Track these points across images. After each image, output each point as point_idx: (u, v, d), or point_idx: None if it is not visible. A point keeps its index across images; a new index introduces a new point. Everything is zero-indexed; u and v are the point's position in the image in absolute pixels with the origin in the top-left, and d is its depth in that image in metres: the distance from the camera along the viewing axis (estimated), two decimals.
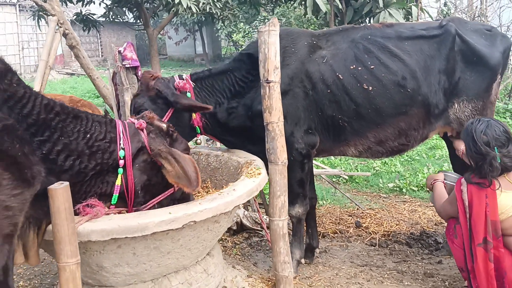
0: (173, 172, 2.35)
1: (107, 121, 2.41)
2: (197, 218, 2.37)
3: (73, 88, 16.65)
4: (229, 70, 3.36)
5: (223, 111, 3.34)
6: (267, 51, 2.96)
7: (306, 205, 3.46)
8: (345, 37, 3.45)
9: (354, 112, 3.32)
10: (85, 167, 2.23)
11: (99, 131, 2.32)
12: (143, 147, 2.44)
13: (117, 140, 2.36)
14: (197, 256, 2.76)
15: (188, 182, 2.31)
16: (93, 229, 2.22)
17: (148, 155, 2.44)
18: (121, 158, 2.34)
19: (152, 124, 2.55)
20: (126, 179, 2.38)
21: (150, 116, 2.57)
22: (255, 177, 2.84)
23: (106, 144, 2.31)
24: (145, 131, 2.48)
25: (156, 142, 2.45)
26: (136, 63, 4.12)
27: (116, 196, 2.39)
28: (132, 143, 2.40)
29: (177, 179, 2.35)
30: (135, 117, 2.58)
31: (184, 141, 2.68)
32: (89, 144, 2.23)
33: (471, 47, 3.40)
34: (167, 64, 26.36)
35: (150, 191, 2.50)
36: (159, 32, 11.19)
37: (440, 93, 3.39)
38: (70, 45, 6.71)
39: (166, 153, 2.39)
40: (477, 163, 2.79)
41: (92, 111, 4.28)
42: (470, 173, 2.86)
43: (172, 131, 2.61)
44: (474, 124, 2.85)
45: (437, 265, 3.73)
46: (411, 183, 5.96)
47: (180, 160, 2.35)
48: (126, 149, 2.36)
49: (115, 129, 2.40)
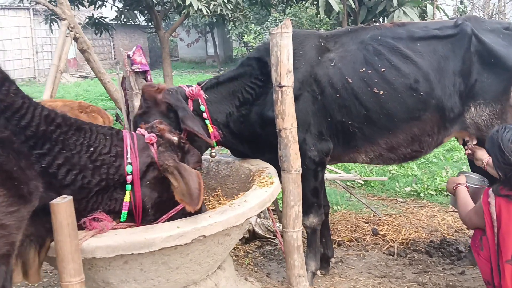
0: (179, 189, 2.22)
1: (113, 134, 2.29)
2: (206, 233, 2.25)
3: (86, 91, 16.68)
4: (237, 76, 3.22)
5: (235, 121, 3.20)
6: (279, 54, 2.82)
7: (321, 215, 3.31)
8: (354, 39, 3.30)
9: (365, 117, 3.16)
10: (88, 182, 2.12)
11: (103, 144, 2.21)
12: (153, 163, 2.31)
13: (124, 154, 2.24)
14: (208, 270, 2.64)
15: (190, 199, 2.17)
16: (98, 245, 2.11)
17: (158, 171, 2.31)
18: (128, 173, 2.23)
19: (163, 136, 2.41)
20: (135, 196, 2.27)
21: (160, 128, 2.43)
22: (267, 187, 2.71)
23: (111, 159, 2.20)
24: (155, 145, 2.35)
25: (165, 157, 2.32)
26: (145, 67, 4.02)
27: (125, 213, 2.28)
28: (140, 158, 2.28)
29: (182, 195, 2.22)
30: (145, 128, 2.45)
31: (196, 153, 2.54)
32: (92, 158, 2.12)
33: (488, 48, 3.22)
34: (179, 66, 26.37)
35: (161, 208, 2.38)
36: (170, 34, 11.13)
37: (456, 96, 3.22)
38: (81, 49, 6.67)
39: (173, 168, 2.26)
40: (506, 175, 2.61)
41: (101, 116, 4.20)
42: (498, 185, 2.68)
43: (183, 143, 2.48)
44: (500, 133, 2.66)
45: (459, 276, 3.55)
46: (429, 187, 5.77)
47: (185, 175, 2.21)
48: (133, 164, 2.24)
49: (122, 142, 2.28)
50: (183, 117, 2.84)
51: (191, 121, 2.85)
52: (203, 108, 3.08)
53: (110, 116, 4.18)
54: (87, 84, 19.30)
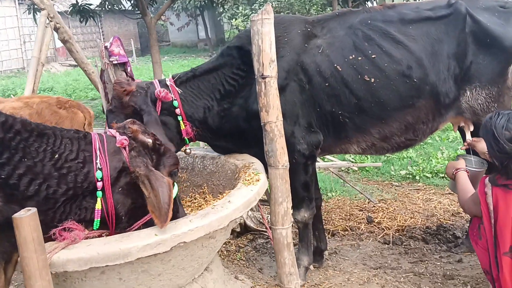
0: (150, 200, 2.04)
1: (80, 137, 2.11)
2: (187, 239, 2.12)
3: (76, 81, 16.41)
4: (216, 68, 3.03)
5: (214, 116, 3.02)
6: (261, 42, 2.66)
7: (312, 208, 3.17)
8: (342, 23, 3.12)
9: (356, 106, 3.01)
10: (54, 192, 1.96)
11: (70, 149, 2.04)
12: (125, 167, 2.13)
13: (93, 160, 2.07)
14: (193, 274, 2.52)
15: (159, 214, 2.00)
16: (69, 258, 1.98)
17: (131, 176, 2.13)
18: (98, 180, 2.06)
19: (136, 139, 2.22)
20: (106, 203, 2.10)
21: (133, 129, 2.24)
22: (253, 184, 2.57)
23: (78, 165, 2.03)
24: (128, 148, 2.17)
25: (137, 162, 2.12)
26: (124, 58, 3.83)
27: (98, 221, 2.12)
28: (111, 163, 2.10)
29: (153, 207, 2.05)
30: (116, 128, 2.28)
31: (173, 155, 2.35)
32: (57, 165, 1.96)
33: (484, 28, 3.04)
34: (170, 51, 26.04)
35: (136, 214, 2.22)
36: (157, 19, 10.83)
37: (450, 80, 3.06)
38: (62, 40, 6.42)
39: (144, 176, 2.07)
40: (502, 163, 2.47)
41: (81, 111, 4.02)
42: (495, 174, 2.55)
43: (159, 145, 2.29)
44: (493, 119, 2.51)
45: (457, 264, 3.45)
46: (425, 169, 5.66)
47: (155, 187, 2.03)
48: (104, 169, 2.07)
49: (90, 146, 2.10)
50: (146, 122, 2.68)
51: (153, 128, 2.66)
52: (176, 103, 2.91)
53: (91, 111, 4.01)
54: (76, 73, 18.96)
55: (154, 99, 2.86)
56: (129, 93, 2.81)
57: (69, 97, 13.72)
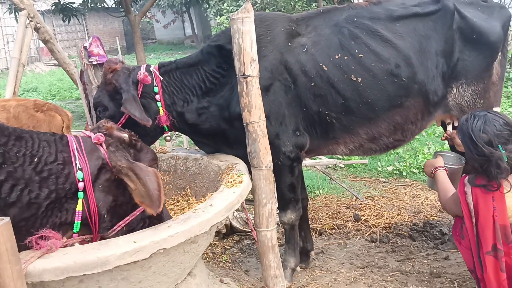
0: (137, 191, 2.02)
1: (57, 139, 2.07)
2: (167, 245, 2.06)
3: (60, 81, 16.14)
4: (197, 63, 2.99)
5: (192, 111, 2.97)
6: (241, 41, 2.60)
7: (298, 210, 3.13)
8: (327, 21, 3.06)
9: (343, 106, 2.95)
10: (37, 196, 1.91)
11: (48, 152, 1.99)
12: (105, 164, 2.10)
13: (72, 160, 2.03)
14: (176, 280, 2.45)
15: (150, 201, 1.99)
16: (45, 268, 1.91)
17: (111, 173, 2.10)
18: (79, 180, 2.02)
19: (111, 135, 2.20)
20: (88, 203, 2.06)
21: (108, 126, 2.22)
22: (236, 187, 2.51)
23: (59, 167, 1.98)
24: (104, 145, 2.14)
25: (117, 157, 2.10)
26: (104, 59, 3.76)
27: (79, 223, 2.07)
28: (90, 161, 2.07)
29: (141, 198, 2.03)
30: (90, 130, 2.23)
31: (151, 150, 2.33)
32: (37, 169, 1.91)
33: (470, 23, 3.01)
34: (156, 49, 25.80)
35: (118, 213, 2.18)
36: (141, 17, 10.69)
37: (439, 78, 3.02)
38: (43, 40, 6.32)
39: (127, 169, 2.05)
40: (482, 166, 2.44)
41: (59, 114, 3.91)
42: (474, 176, 2.52)
43: (135, 141, 2.27)
44: (470, 122, 2.48)
45: (443, 261, 3.44)
46: (411, 165, 5.66)
47: (141, 176, 2.01)
48: (84, 169, 2.03)
49: (67, 147, 2.06)
50: (124, 99, 2.75)
51: (129, 104, 2.74)
52: (156, 89, 2.90)
53: (69, 113, 3.91)
54: (61, 72, 18.67)
55: (136, 81, 2.87)
56: (113, 71, 2.86)
57: (54, 97, 13.55)
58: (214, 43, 2.99)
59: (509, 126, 2.45)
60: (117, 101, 2.84)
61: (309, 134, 3.03)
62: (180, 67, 2.99)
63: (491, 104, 3.22)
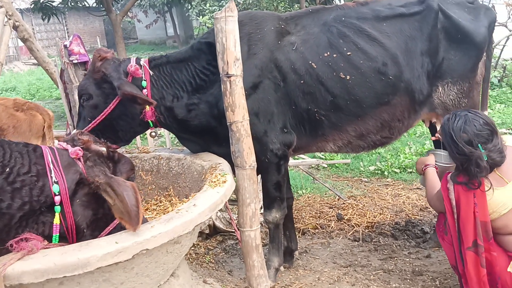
0: (116, 207, 1.98)
1: (30, 151, 2.00)
2: (149, 246, 2.03)
3: (40, 80, 15.91)
4: (188, 59, 2.96)
5: (182, 107, 2.95)
6: (225, 40, 2.59)
7: (283, 209, 3.13)
8: (316, 20, 3.07)
9: (331, 104, 2.97)
10: (8, 207, 1.85)
11: (21, 163, 1.92)
12: (83, 179, 2.04)
13: (47, 173, 1.97)
14: (159, 281, 2.43)
15: (129, 218, 1.94)
16: (24, 270, 1.86)
17: (90, 187, 2.05)
18: (55, 194, 1.96)
19: (89, 149, 2.12)
20: (65, 217, 2.01)
21: (84, 140, 2.14)
22: (219, 186, 2.50)
23: (32, 179, 1.92)
24: (82, 159, 2.07)
25: (94, 172, 2.03)
26: (85, 57, 3.71)
27: (57, 236, 2.03)
28: (67, 175, 2.00)
29: (120, 214, 1.98)
30: (66, 142, 2.16)
31: (128, 161, 2.27)
32: (9, 179, 1.85)
33: (455, 23, 3.07)
34: (138, 48, 25.59)
35: (98, 225, 2.13)
36: (123, 16, 10.61)
37: (424, 77, 3.07)
38: (22, 38, 6.18)
39: (105, 185, 1.99)
40: (462, 165, 2.49)
41: (40, 113, 3.84)
42: (456, 173, 2.56)
43: (112, 152, 2.21)
44: (451, 122, 2.53)
45: (425, 260, 3.47)
46: (393, 164, 5.71)
47: (119, 192, 1.96)
48: (60, 183, 1.97)
49: (42, 159, 1.99)
50: (119, 85, 2.71)
51: (128, 86, 2.71)
52: (144, 84, 2.87)
53: (51, 113, 3.84)
54: (40, 72, 18.39)
55: (126, 73, 2.83)
56: (103, 59, 2.82)
57: (33, 97, 13.32)
58: (204, 40, 2.97)
59: (489, 126, 2.49)
60: (103, 90, 2.81)
61: (298, 131, 3.04)
62: (170, 61, 2.96)
63: (476, 103, 3.28)
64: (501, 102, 8.04)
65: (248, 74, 2.79)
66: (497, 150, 2.45)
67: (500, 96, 8.28)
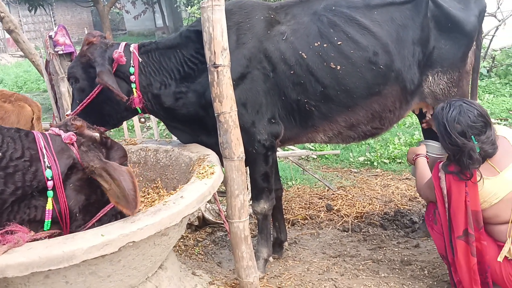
0: (112, 191, 1.99)
1: (22, 136, 2.00)
2: (136, 238, 2.01)
3: (27, 72, 15.67)
4: (176, 46, 2.92)
5: (169, 95, 2.92)
6: (212, 30, 2.55)
7: (272, 199, 3.12)
8: (306, 9, 3.04)
9: (322, 94, 2.95)
10: (2, 192, 1.86)
11: (13, 148, 1.93)
12: (76, 164, 2.05)
13: (40, 158, 1.97)
14: (146, 273, 2.41)
15: (126, 202, 1.97)
16: (8, 264, 1.84)
17: (83, 172, 2.06)
18: (48, 178, 1.96)
19: (83, 134, 2.13)
20: (58, 202, 2.01)
21: (78, 125, 2.14)
22: (207, 178, 2.48)
23: (25, 164, 1.92)
24: (76, 144, 2.08)
25: (89, 157, 2.05)
26: (70, 48, 3.66)
27: (49, 221, 2.03)
28: (60, 160, 2.01)
29: (117, 198, 2.01)
30: (59, 127, 2.15)
31: (121, 147, 2.28)
32: (2, 164, 1.85)
33: (446, 12, 3.04)
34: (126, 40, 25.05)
35: (90, 211, 2.14)
36: (110, 7, 10.50)
37: (415, 66, 3.05)
38: (8, 30, 6.09)
39: (101, 169, 2.01)
40: (455, 155, 2.48)
41: (28, 104, 3.80)
42: (448, 163, 2.56)
43: (105, 138, 2.21)
44: (445, 111, 2.51)
45: (414, 249, 3.49)
46: (382, 155, 5.72)
47: (115, 176, 1.98)
48: (53, 167, 1.97)
49: (34, 144, 2.00)
50: (99, 72, 2.68)
51: (106, 76, 2.68)
52: (132, 70, 2.84)
53: (39, 104, 3.80)
54: (27, 64, 18.15)
55: (112, 58, 2.80)
56: (89, 43, 2.81)
57: (20, 89, 13.14)
58: (193, 28, 2.92)
59: (483, 118, 2.48)
60: (89, 75, 2.79)
61: (288, 122, 3.02)
62: (160, 48, 2.93)
63: (465, 92, 3.27)
64: (490, 92, 8.07)
65: (237, 64, 2.76)
66: (490, 142, 2.45)
67: (489, 86, 8.31)
